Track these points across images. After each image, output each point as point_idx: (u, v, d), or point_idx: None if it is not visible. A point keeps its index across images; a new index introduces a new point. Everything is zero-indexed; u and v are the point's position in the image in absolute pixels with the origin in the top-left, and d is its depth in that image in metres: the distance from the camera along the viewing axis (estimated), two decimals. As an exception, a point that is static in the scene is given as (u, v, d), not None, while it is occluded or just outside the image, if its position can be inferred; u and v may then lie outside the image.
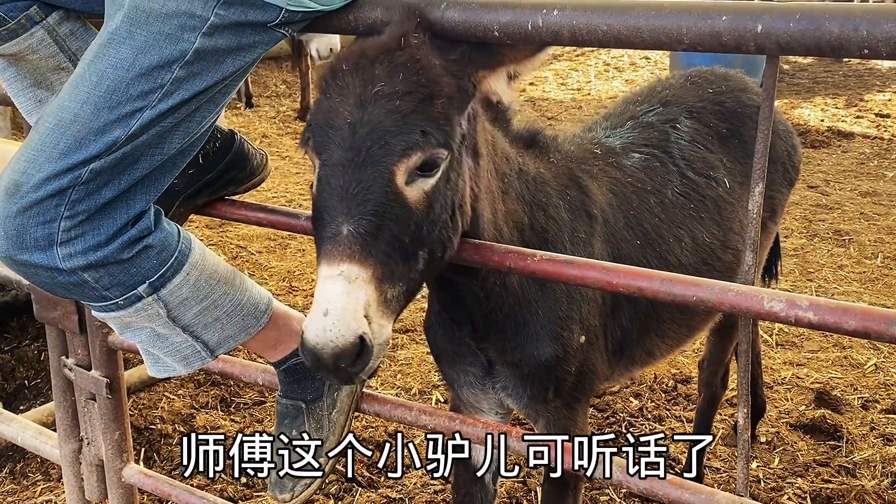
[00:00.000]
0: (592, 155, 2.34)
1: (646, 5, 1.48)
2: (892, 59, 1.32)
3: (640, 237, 2.27)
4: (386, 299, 1.52)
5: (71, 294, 1.68)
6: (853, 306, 1.41)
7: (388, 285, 1.52)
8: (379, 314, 1.50)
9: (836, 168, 7.14)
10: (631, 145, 2.47)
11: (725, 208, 2.55)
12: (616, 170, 2.33)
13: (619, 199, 2.26)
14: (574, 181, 2.17)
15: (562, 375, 2.10)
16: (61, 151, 1.54)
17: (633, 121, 2.59)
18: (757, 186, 1.51)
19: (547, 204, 2.06)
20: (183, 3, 1.56)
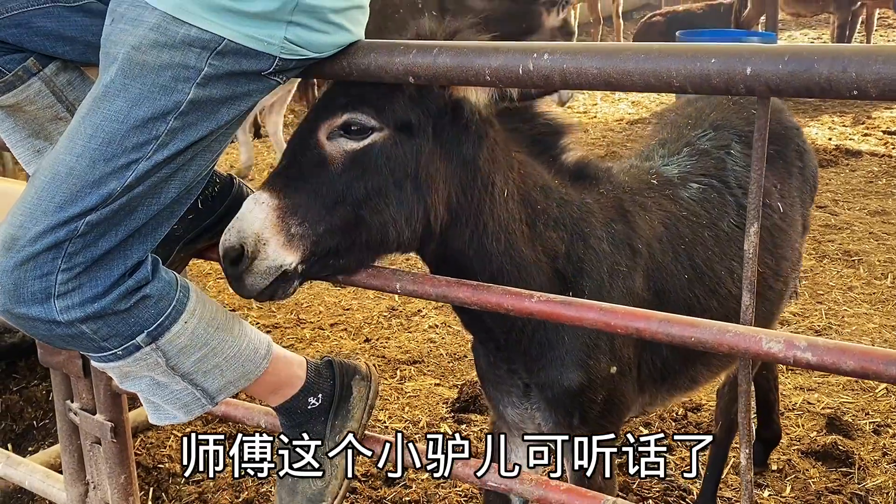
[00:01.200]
0: (648, 186, 2.34)
1: (635, 48, 1.49)
2: (882, 99, 1.31)
3: (689, 271, 2.25)
4: (289, 233, 1.74)
5: (69, 345, 1.69)
6: (851, 346, 1.40)
7: (293, 221, 1.74)
8: (277, 241, 1.73)
9: (844, 187, 7.11)
10: (689, 175, 2.45)
11: (779, 236, 2.55)
12: (672, 202, 2.33)
13: (670, 232, 2.25)
14: (621, 214, 2.17)
15: (587, 403, 2.11)
16: (57, 205, 1.55)
17: (689, 147, 2.57)
18: (752, 226, 1.51)
19: (589, 235, 2.09)
20: (177, 55, 1.57)
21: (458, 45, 1.67)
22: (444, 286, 1.82)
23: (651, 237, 2.19)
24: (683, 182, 2.41)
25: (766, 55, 1.36)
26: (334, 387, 2.09)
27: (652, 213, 2.24)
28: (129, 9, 1.60)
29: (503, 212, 1.94)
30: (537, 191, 2.02)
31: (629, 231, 2.15)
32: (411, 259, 5.47)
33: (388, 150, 1.80)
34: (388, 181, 1.80)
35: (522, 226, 1.98)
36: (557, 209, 2.04)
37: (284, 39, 1.62)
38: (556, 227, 2.03)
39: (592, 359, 2.08)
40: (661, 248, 2.21)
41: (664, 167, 2.47)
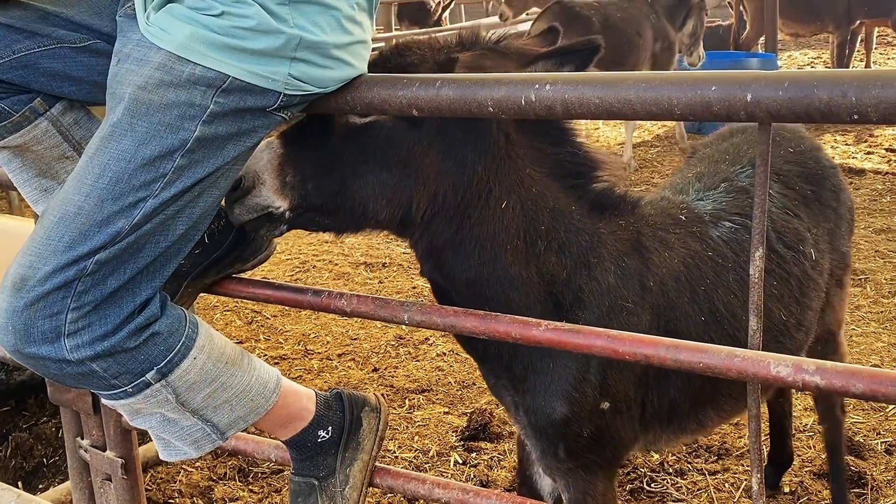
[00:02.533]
0: (675, 222, 2.27)
1: (636, 77, 1.50)
2: (882, 123, 1.32)
3: (707, 314, 2.18)
4: (284, 180, 1.87)
5: (80, 384, 1.70)
6: (860, 369, 1.41)
7: (290, 171, 1.88)
8: (272, 184, 1.87)
9: (848, 206, 7.12)
10: (723, 212, 2.35)
11: (807, 284, 2.44)
12: (698, 241, 2.25)
13: (690, 272, 2.19)
14: (636, 249, 2.13)
15: (572, 437, 2.08)
16: (66, 244, 1.57)
17: (726, 183, 2.47)
18: (757, 251, 1.52)
19: (595, 266, 2.06)
20: (182, 94, 1.59)
21: (461, 77, 1.69)
22: (452, 316, 1.83)
23: (666, 275, 2.14)
24: (716, 220, 2.33)
25: (766, 81, 1.37)
26: (344, 419, 2.09)
27: (673, 251, 2.19)
28: (134, 49, 1.63)
29: (495, 222, 1.96)
30: (546, 212, 2.01)
31: (642, 267, 2.11)
32: (418, 288, 5.48)
33: (387, 133, 1.88)
34: (379, 162, 1.89)
35: (517, 241, 1.98)
36: (565, 234, 2.03)
37: (288, 76, 1.64)
38: (559, 252, 2.02)
39: (579, 391, 2.04)
40: (676, 288, 2.16)
41: (698, 201, 2.40)
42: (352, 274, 5.89)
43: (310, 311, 5.39)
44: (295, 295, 2.07)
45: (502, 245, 1.97)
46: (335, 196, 1.91)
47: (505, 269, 1.98)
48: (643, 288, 2.09)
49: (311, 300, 2.03)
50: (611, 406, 2.08)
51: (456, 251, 1.97)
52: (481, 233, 1.95)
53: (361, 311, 1.92)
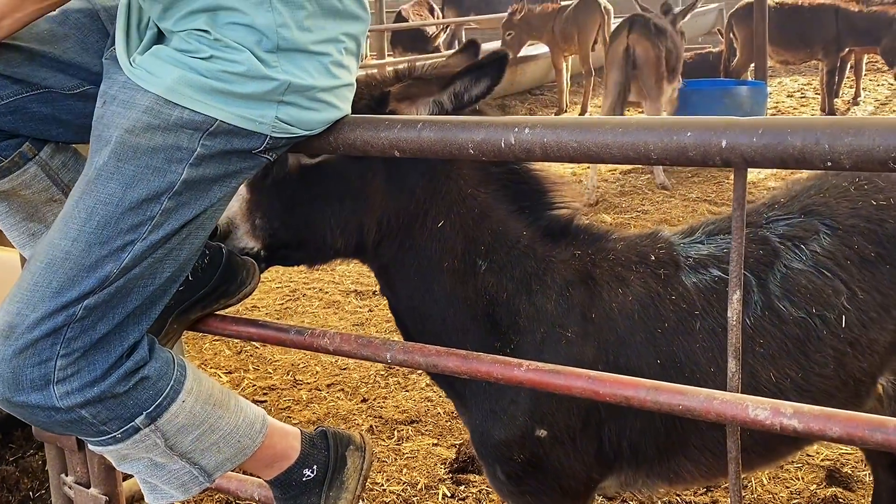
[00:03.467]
0: (640, 261, 2.20)
1: (613, 123, 1.52)
2: (855, 170, 1.34)
3: (664, 357, 2.10)
4: (253, 223, 2.04)
5: (68, 431, 1.69)
6: (837, 413, 1.41)
7: (257, 214, 2.03)
8: (244, 228, 2.05)
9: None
10: (713, 259, 2.21)
11: (822, 350, 2.20)
12: (661, 284, 2.16)
13: (647, 312, 2.12)
14: (584, 281, 2.12)
15: (504, 460, 2.11)
16: (54, 290, 1.57)
17: (747, 229, 2.25)
18: (734, 294, 1.53)
19: (535, 291, 2.10)
20: (170, 137, 1.60)
21: (442, 119, 1.72)
22: (434, 356, 1.83)
23: (615, 311, 2.11)
24: (699, 266, 2.20)
25: (740, 128, 1.39)
26: (329, 457, 2.09)
27: (628, 289, 2.14)
28: (120, 91, 1.64)
29: (433, 241, 2.06)
30: (488, 233, 2.08)
31: (586, 299, 2.10)
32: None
33: (336, 169, 2.00)
34: (331, 195, 2.02)
35: (454, 260, 2.07)
36: (507, 257, 2.09)
37: (276, 119, 1.65)
38: (499, 273, 2.08)
39: (507, 414, 2.08)
40: (628, 326, 2.11)
41: (695, 244, 2.26)
42: (342, 302, 5.89)
43: (289, 348, 5.38)
44: (278, 333, 2.07)
45: (440, 263, 2.06)
46: (298, 231, 2.05)
47: (442, 287, 2.07)
48: (585, 319, 2.10)
49: (294, 338, 2.03)
50: (549, 434, 2.09)
51: (398, 268, 2.10)
52: (420, 251, 2.07)
53: (344, 349, 1.92)
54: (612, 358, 2.11)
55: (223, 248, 2.21)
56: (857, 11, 10.60)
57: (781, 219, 2.32)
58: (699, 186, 8.42)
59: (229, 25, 1.61)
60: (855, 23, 10.59)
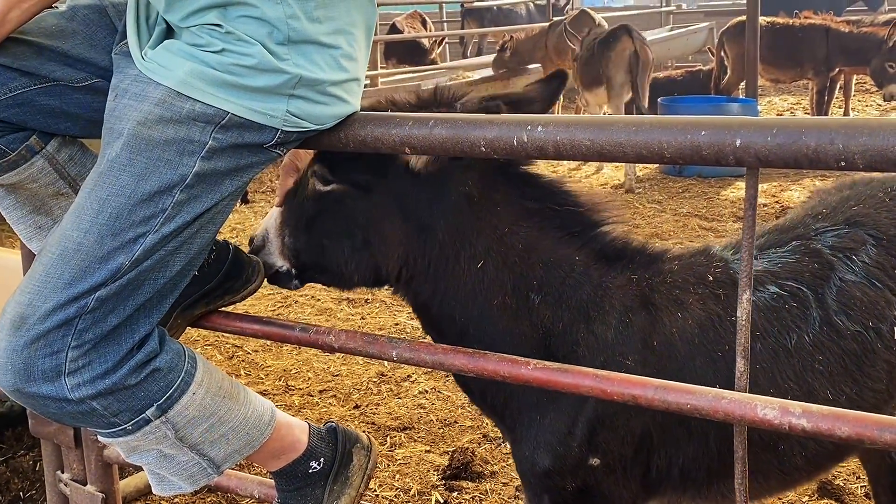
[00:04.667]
0: (698, 281, 2.11)
1: (627, 121, 1.53)
2: (869, 170, 1.35)
3: (724, 382, 2.00)
4: (283, 241, 2.03)
5: (79, 422, 1.69)
6: (846, 413, 1.42)
7: (286, 231, 2.02)
8: (275, 244, 2.04)
9: (827, 250, 7.18)
10: (770, 276, 2.13)
11: (876, 364, 2.15)
12: (721, 305, 2.08)
13: (706, 336, 2.05)
14: (644, 306, 2.04)
15: (555, 489, 2.05)
16: (66, 281, 1.57)
17: (798, 242, 2.22)
18: (745, 293, 1.54)
19: (594, 320, 2.00)
20: (181, 130, 1.60)
21: (454, 117, 1.72)
22: (441, 353, 1.83)
23: (675, 336, 2.03)
24: (755, 284, 2.10)
25: (754, 127, 1.40)
26: (336, 452, 2.10)
27: (687, 312, 2.06)
28: (132, 84, 1.64)
29: (474, 280, 1.97)
30: (539, 266, 1.99)
31: (647, 325, 2.02)
32: (401, 324, 5.47)
33: (345, 201, 1.96)
34: (342, 228, 1.98)
35: (504, 296, 1.98)
36: (562, 287, 2.00)
37: (287, 112, 1.66)
38: (555, 305, 1.99)
39: (563, 446, 2.00)
40: (688, 351, 2.03)
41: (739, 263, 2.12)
42: (334, 310, 5.88)
43: (291, 346, 5.37)
44: (283, 330, 2.07)
45: (487, 301, 1.98)
46: (317, 257, 2.02)
47: (493, 324, 1.99)
48: (645, 346, 2.01)
49: (298, 336, 2.03)
50: (602, 463, 2.02)
51: (440, 308, 2.01)
52: (460, 291, 1.98)
53: (349, 347, 1.92)
54: None
55: (229, 244, 2.22)
56: (848, 32, 10.68)
57: (829, 230, 2.26)
58: (690, 202, 8.46)
59: (240, 19, 1.62)
60: (845, 43, 10.68)
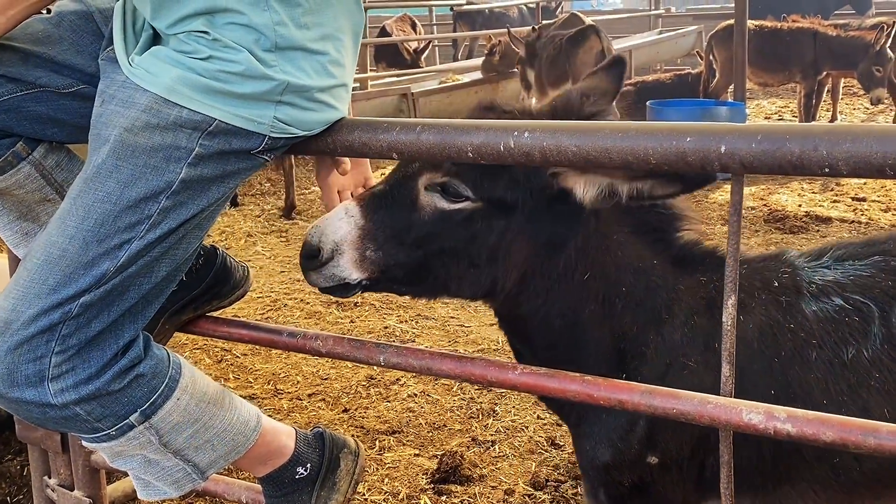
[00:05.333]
0: (763, 287, 2.12)
1: (613, 127, 1.53)
2: (852, 176, 1.36)
3: (778, 388, 2.03)
4: (363, 254, 1.90)
5: (62, 427, 1.69)
6: (831, 417, 1.43)
7: (370, 245, 1.90)
8: (350, 256, 1.90)
9: (815, 253, 7.22)
10: (838, 288, 2.11)
11: None
12: (781, 312, 2.08)
13: (765, 341, 2.06)
14: (709, 307, 2.05)
15: (612, 483, 2.09)
16: (51, 287, 1.57)
17: (880, 256, 2.18)
18: (730, 299, 1.55)
19: (664, 322, 2.03)
20: (168, 137, 1.60)
21: (441, 122, 1.71)
22: (428, 358, 1.84)
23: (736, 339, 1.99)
24: (820, 294, 2.10)
25: (739, 134, 1.41)
26: (323, 457, 2.10)
27: (749, 316, 2.06)
28: (119, 90, 1.64)
29: (577, 292, 1.99)
30: (629, 272, 2.01)
31: (710, 327, 2.03)
32: (390, 328, 5.47)
33: (477, 220, 1.90)
34: (467, 247, 1.91)
35: (596, 305, 2.00)
36: (644, 292, 2.02)
37: (274, 119, 1.66)
38: (635, 310, 2.02)
39: (624, 442, 2.04)
40: (747, 355, 2.01)
41: (816, 270, 2.16)
42: (323, 313, 5.88)
43: (280, 350, 5.36)
44: (270, 335, 2.08)
45: (581, 312, 2.00)
46: (416, 272, 1.94)
47: (582, 332, 2.01)
48: (707, 348, 2.02)
49: (286, 341, 2.03)
50: (659, 462, 2.05)
51: (539, 321, 2.01)
52: (564, 303, 1.99)
53: (337, 352, 1.93)
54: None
55: (217, 249, 2.22)
56: (835, 36, 10.74)
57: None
58: (679, 204, 8.48)
59: (228, 26, 1.62)
60: (833, 47, 10.73)
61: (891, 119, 11.59)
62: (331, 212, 1.93)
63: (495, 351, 5.06)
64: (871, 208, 8.43)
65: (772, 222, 7.85)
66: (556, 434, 4.07)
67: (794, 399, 2.01)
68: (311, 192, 9.55)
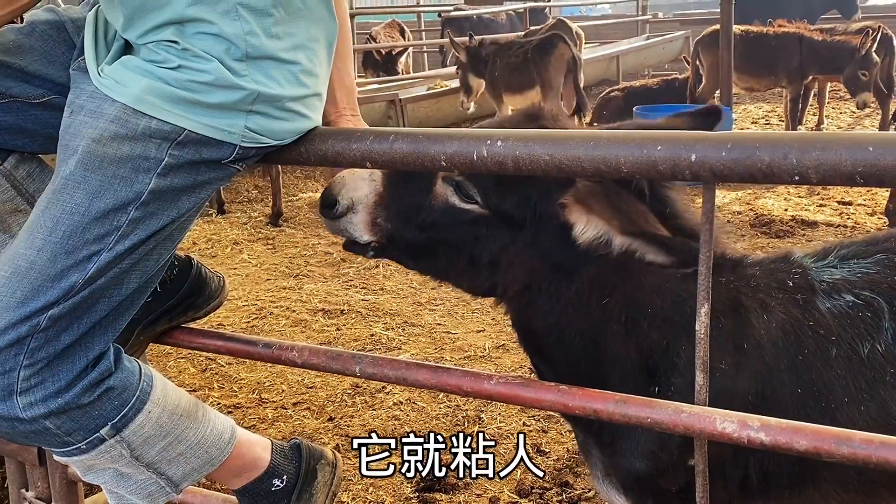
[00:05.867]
0: (779, 286, 2.11)
1: (585, 136, 1.53)
2: (822, 184, 1.36)
3: (804, 385, 2.02)
4: (374, 219, 1.94)
5: (32, 442, 1.68)
6: (804, 426, 1.43)
7: (382, 213, 1.94)
8: (362, 218, 1.95)
9: (801, 257, 7.23)
10: (847, 285, 2.12)
11: None
12: (799, 309, 2.08)
13: (788, 339, 2.04)
14: (735, 309, 2.04)
15: (659, 491, 2.05)
16: (19, 300, 1.55)
17: (884, 255, 2.19)
18: (702, 307, 1.54)
19: (693, 330, 1.92)
20: (137, 147, 1.58)
21: (414, 131, 1.71)
22: (404, 369, 1.83)
23: (763, 339, 2.03)
24: (832, 291, 2.11)
25: (709, 143, 1.40)
26: (299, 469, 2.09)
27: (772, 315, 2.05)
28: (87, 101, 1.62)
29: (596, 315, 1.94)
30: (655, 293, 1.98)
31: (738, 328, 2.01)
32: (376, 335, 5.46)
33: (482, 226, 1.91)
34: (469, 246, 1.93)
35: (618, 326, 1.97)
36: (671, 309, 1.99)
37: (245, 128, 1.65)
38: (663, 326, 1.98)
39: (664, 450, 2.00)
40: (774, 353, 2.01)
41: (824, 269, 2.17)
42: (309, 321, 5.86)
43: (256, 361, 5.33)
44: (246, 346, 2.06)
45: (603, 331, 1.96)
46: (420, 253, 1.98)
47: (604, 352, 1.97)
48: (737, 350, 2.00)
49: (261, 352, 2.02)
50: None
51: (556, 339, 1.98)
52: (581, 324, 1.95)
53: (313, 363, 1.92)
54: (760, 387, 1.99)
55: (192, 260, 2.20)
56: (821, 40, 10.77)
57: None
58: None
59: (197, 35, 1.61)
60: (818, 52, 10.76)
61: (877, 123, 11.63)
62: (359, 169, 1.95)
63: (481, 358, 5.05)
64: (858, 212, 8.44)
65: (758, 227, 7.86)
66: (541, 441, 4.06)
67: (818, 397, 2.00)
68: (299, 199, 9.54)
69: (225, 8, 1.60)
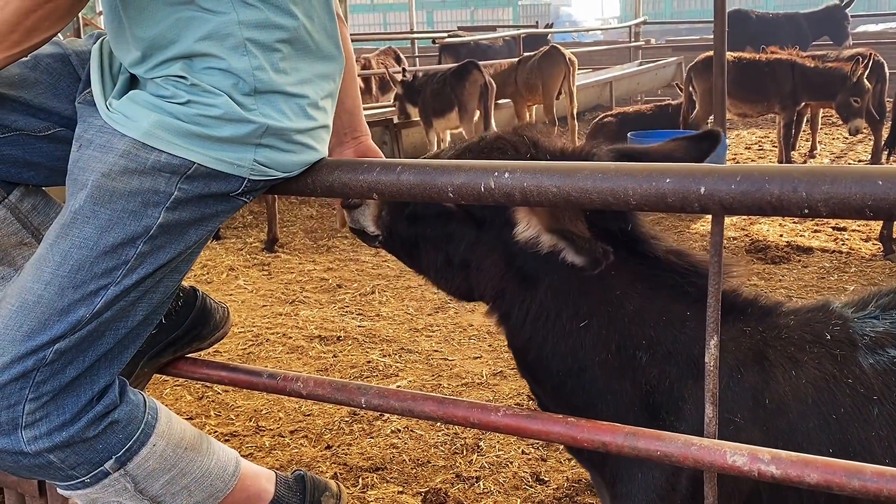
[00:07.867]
0: (816, 339, 1.99)
1: (593, 168, 1.53)
2: (832, 217, 1.37)
3: (837, 446, 1.91)
4: (379, 213, 2.06)
5: (36, 475, 1.66)
6: (815, 459, 1.43)
7: (385, 207, 2.05)
8: (371, 211, 2.07)
9: (797, 283, 7.25)
10: (891, 339, 1.99)
11: None
12: (837, 366, 1.96)
13: (821, 396, 1.92)
14: (758, 361, 1.94)
15: None
16: (25, 333, 1.54)
17: None
18: (711, 339, 1.54)
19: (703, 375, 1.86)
20: (146, 181, 1.59)
21: (421, 163, 1.72)
22: (410, 400, 1.82)
23: (788, 395, 1.92)
24: (875, 345, 1.98)
25: (718, 175, 1.41)
26: (304, 501, 2.07)
27: (802, 370, 1.94)
28: (96, 134, 1.63)
29: (575, 337, 1.90)
30: (650, 326, 1.91)
31: (759, 381, 1.91)
32: (373, 362, 5.44)
33: (452, 222, 1.96)
34: (444, 243, 1.98)
35: (606, 354, 1.90)
36: (674, 344, 1.92)
37: (254, 161, 1.65)
38: (664, 362, 1.91)
39: (666, 501, 1.92)
40: (800, 412, 1.90)
41: (865, 321, 2.04)
42: (306, 347, 5.84)
43: (260, 392, 5.31)
44: (249, 377, 2.05)
45: (589, 357, 1.90)
46: (409, 249, 2.06)
47: (593, 380, 1.92)
48: (756, 403, 1.91)
49: (266, 382, 2.01)
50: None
51: (537, 356, 1.94)
52: (560, 346, 1.91)
53: (318, 394, 1.91)
54: (780, 444, 1.86)
55: (197, 291, 2.20)
56: (813, 67, 10.85)
57: None
58: (661, 235, 8.50)
59: (206, 70, 1.62)
60: (811, 78, 10.84)
61: (870, 148, 11.70)
62: None
63: (479, 385, 5.04)
64: (852, 238, 8.47)
65: (754, 252, 7.88)
66: (540, 469, 4.04)
67: (854, 458, 1.85)
68: (294, 226, 9.55)
69: (234, 43, 1.61)
